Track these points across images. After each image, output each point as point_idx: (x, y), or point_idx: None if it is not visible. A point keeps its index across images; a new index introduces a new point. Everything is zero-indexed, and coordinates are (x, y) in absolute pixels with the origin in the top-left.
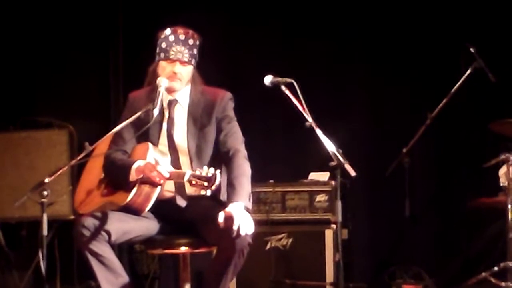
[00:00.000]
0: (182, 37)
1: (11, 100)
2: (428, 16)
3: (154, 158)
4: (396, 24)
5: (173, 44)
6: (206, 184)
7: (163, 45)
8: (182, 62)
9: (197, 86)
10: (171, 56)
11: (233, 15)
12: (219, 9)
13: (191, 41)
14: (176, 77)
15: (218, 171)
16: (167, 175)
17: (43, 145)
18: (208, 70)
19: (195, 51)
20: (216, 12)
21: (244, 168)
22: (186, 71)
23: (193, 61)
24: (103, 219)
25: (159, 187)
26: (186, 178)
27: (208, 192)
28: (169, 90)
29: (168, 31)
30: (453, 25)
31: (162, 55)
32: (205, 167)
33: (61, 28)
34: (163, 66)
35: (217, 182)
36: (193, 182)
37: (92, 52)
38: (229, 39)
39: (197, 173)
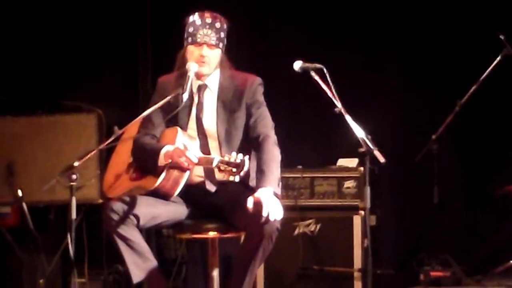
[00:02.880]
0: (209, 20)
1: (39, 84)
2: (458, 3)
3: (183, 143)
4: (426, 11)
5: (200, 27)
6: (234, 170)
7: (190, 29)
8: (210, 45)
9: (226, 70)
10: (198, 39)
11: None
12: None
13: (218, 25)
14: (204, 60)
15: (246, 157)
16: (196, 161)
17: (72, 129)
18: (238, 55)
19: (222, 34)
20: None
21: (273, 154)
22: (214, 55)
23: (220, 45)
24: (132, 204)
25: (188, 172)
26: (214, 164)
27: (237, 178)
28: (198, 75)
29: (195, 16)
30: (482, 12)
31: (189, 39)
32: (234, 153)
33: (89, 12)
34: (191, 51)
35: (245, 169)
36: (222, 168)
37: (121, 35)
38: (259, 24)
39: (226, 159)
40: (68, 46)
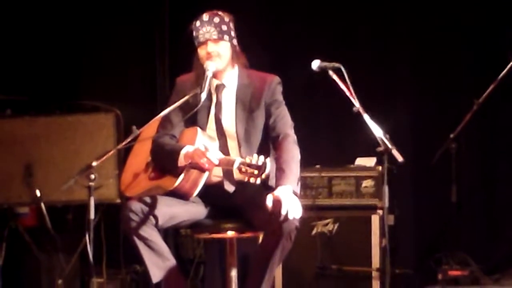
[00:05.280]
0: (206, 18)
1: (57, 84)
2: (476, 3)
3: (203, 144)
4: (444, 9)
5: (200, 27)
6: (256, 172)
7: (194, 34)
8: (213, 40)
9: (244, 69)
10: (201, 39)
11: None
12: None
13: (216, 19)
14: (212, 56)
15: (268, 159)
16: (217, 162)
17: (90, 129)
18: (256, 55)
19: (224, 27)
20: None
21: (293, 153)
22: (221, 48)
23: (225, 37)
24: (151, 204)
25: (207, 173)
26: (235, 165)
27: (258, 181)
28: (216, 74)
29: (196, 20)
30: (500, 9)
31: (196, 43)
32: (255, 155)
33: (107, 12)
34: (200, 52)
35: (267, 171)
36: (243, 170)
37: (138, 35)
38: (277, 23)
39: (247, 161)
40: (86, 46)
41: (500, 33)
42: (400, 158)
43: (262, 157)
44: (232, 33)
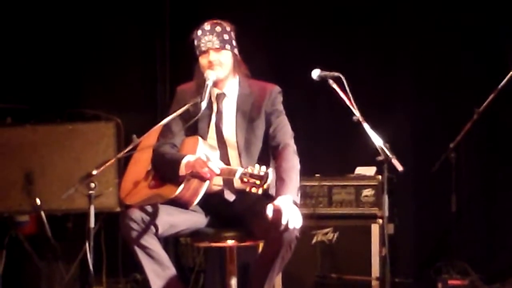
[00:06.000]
0: (207, 27)
1: (58, 93)
2: (476, 9)
3: (204, 153)
4: (443, 17)
5: (202, 37)
6: (258, 182)
7: (196, 43)
8: (214, 49)
9: (245, 79)
10: (203, 48)
11: (280, 6)
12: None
13: (218, 28)
14: (213, 65)
15: (270, 170)
16: (218, 172)
17: (90, 137)
18: (256, 64)
19: (225, 36)
20: (263, 3)
21: (293, 162)
22: (223, 57)
23: (227, 46)
24: (151, 212)
25: (207, 182)
26: (237, 175)
27: (260, 191)
28: (217, 84)
29: (197, 29)
30: (500, 9)
31: (197, 52)
32: (257, 165)
33: (108, 21)
34: (201, 61)
35: (269, 181)
36: (245, 180)
37: (139, 44)
38: (277, 33)
39: (249, 171)
40: (87, 55)
41: (500, 33)
42: (400, 167)
43: (264, 167)
44: (234, 42)
